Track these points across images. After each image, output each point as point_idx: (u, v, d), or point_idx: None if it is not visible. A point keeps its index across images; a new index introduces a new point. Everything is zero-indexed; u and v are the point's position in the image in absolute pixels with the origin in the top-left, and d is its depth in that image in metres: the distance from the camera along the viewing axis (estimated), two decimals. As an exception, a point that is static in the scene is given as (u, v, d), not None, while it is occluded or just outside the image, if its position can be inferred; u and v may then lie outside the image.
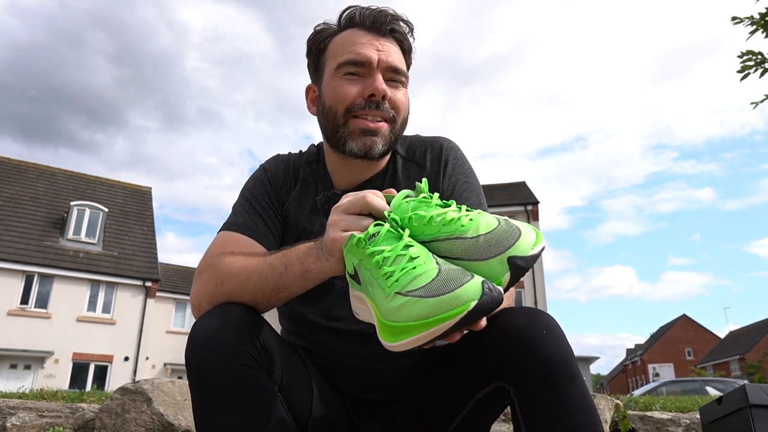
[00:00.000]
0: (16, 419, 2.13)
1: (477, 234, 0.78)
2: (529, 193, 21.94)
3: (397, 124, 1.11)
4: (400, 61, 1.13)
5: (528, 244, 0.76)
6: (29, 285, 16.80)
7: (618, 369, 64.06)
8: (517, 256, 0.74)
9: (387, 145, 1.11)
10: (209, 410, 0.85)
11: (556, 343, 0.85)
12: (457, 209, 0.83)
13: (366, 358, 1.10)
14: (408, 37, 1.16)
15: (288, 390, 0.94)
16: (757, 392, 1.39)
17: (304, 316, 1.16)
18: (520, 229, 0.78)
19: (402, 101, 1.12)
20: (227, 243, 1.06)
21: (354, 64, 1.08)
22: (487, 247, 0.76)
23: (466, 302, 0.67)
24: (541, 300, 19.45)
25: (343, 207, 0.87)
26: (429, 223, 0.81)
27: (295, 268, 0.91)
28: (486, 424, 1.06)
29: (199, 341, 0.86)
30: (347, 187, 1.17)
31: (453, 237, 0.79)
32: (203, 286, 0.98)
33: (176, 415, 2.07)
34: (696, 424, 2.21)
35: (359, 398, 1.14)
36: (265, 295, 0.93)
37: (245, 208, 1.15)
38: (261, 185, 1.19)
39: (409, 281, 0.72)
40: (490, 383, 0.91)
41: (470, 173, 1.20)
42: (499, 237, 0.77)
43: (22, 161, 20.67)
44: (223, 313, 0.89)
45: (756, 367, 29.35)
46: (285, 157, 1.26)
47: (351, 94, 1.08)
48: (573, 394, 0.82)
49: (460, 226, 0.79)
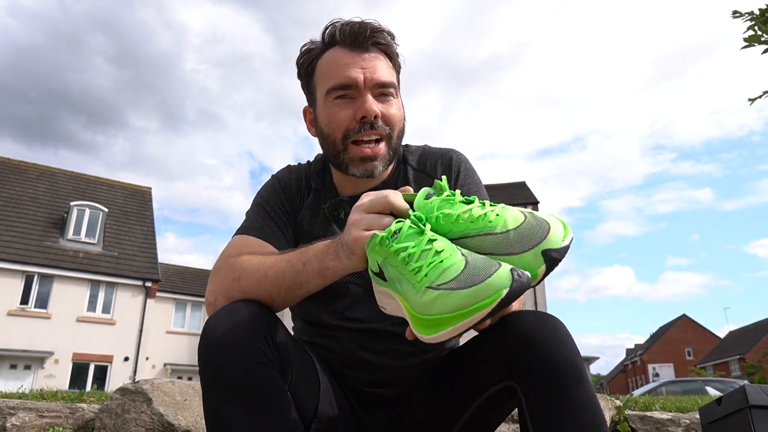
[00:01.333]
0: (16, 419, 2.13)
1: (506, 229, 0.79)
2: (529, 193, 21.95)
3: (393, 138, 1.13)
4: (388, 73, 1.13)
5: (558, 237, 0.77)
6: (29, 285, 16.80)
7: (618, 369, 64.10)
8: (551, 249, 0.76)
9: (386, 163, 1.14)
10: (222, 407, 0.85)
11: (564, 345, 0.87)
12: (481, 205, 0.84)
13: (379, 353, 1.12)
14: (392, 43, 1.15)
15: (296, 388, 0.95)
16: (757, 393, 1.39)
17: (318, 319, 1.17)
18: (548, 222, 0.79)
19: (395, 115, 1.13)
20: (243, 245, 1.07)
21: (342, 87, 1.10)
22: (518, 242, 0.78)
23: (499, 290, 0.69)
24: (541, 300, 19.45)
25: (365, 206, 0.88)
26: (456, 221, 0.82)
27: (313, 265, 0.91)
28: (493, 423, 1.07)
29: (212, 339, 0.86)
30: (352, 195, 1.18)
31: (482, 233, 0.80)
32: (220, 282, 0.98)
33: (176, 415, 2.07)
34: (696, 424, 2.21)
35: (368, 393, 1.15)
36: (281, 291, 0.93)
37: (259, 214, 1.16)
38: (274, 193, 1.20)
39: (438, 275, 0.74)
40: (498, 382, 0.93)
41: (480, 184, 1.22)
42: (529, 231, 0.78)
43: (22, 161, 20.67)
44: (236, 311, 0.90)
45: (756, 367, 29.35)
46: (296, 167, 1.28)
47: (345, 120, 1.10)
48: (580, 395, 0.84)
49: (488, 222, 0.81)
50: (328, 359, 1.14)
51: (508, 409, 1.04)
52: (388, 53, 1.15)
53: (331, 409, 1.04)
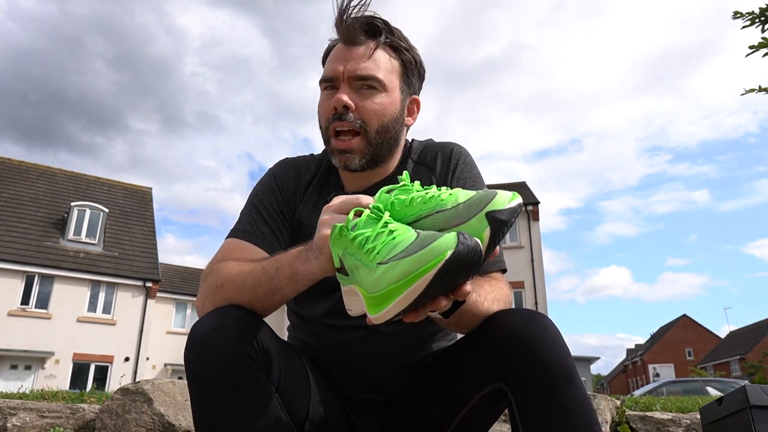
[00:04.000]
0: (17, 420, 2.13)
1: (456, 203, 0.80)
2: (529, 193, 21.92)
3: (371, 132, 1.11)
4: (373, 66, 1.10)
5: (504, 200, 0.78)
6: (30, 285, 16.80)
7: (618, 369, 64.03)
8: (494, 210, 0.76)
9: (367, 156, 1.12)
10: (208, 410, 0.85)
11: (553, 345, 0.86)
12: (438, 190, 0.85)
13: (366, 354, 1.11)
14: (392, 37, 1.14)
15: (285, 390, 0.95)
16: (758, 393, 1.39)
17: (311, 315, 1.17)
18: (496, 191, 0.80)
19: (372, 107, 1.10)
20: (231, 250, 1.08)
21: (326, 80, 1.13)
22: (466, 211, 0.78)
23: (443, 252, 0.66)
24: (541, 301, 19.43)
25: (334, 207, 0.88)
26: (410, 204, 0.83)
27: (285, 270, 0.92)
28: (485, 426, 1.06)
29: (197, 342, 0.87)
30: (357, 190, 1.19)
31: (434, 212, 0.81)
32: (206, 290, 1.00)
33: (177, 415, 2.08)
34: (696, 424, 2.21)
35: (358, 399, 1.14)
36: (259, 298, 0.94)
37: (252, 215, 1.16)
38: (270, 192, 1.20)
39: (389, 251, 0.73)
40: (488, 384, 0.91)
41: (478, 177, 1.21)
42: (477, 200, 0.79)
43: (22, 162, 20.67)
44: (221, 315, 0.91)
45: (756, 367, 29.31)
46: (293, 161, 1.27)
47: (326, 111, 1.12)
48: (570, 396, 0.83)
49: (440, 200, 0.82)
50: (318, 360, 1.14)
51: (500, 411, 1.03)
52: (390, 46, 1.14)
53: (324, 410, 1.04)
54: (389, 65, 1.13)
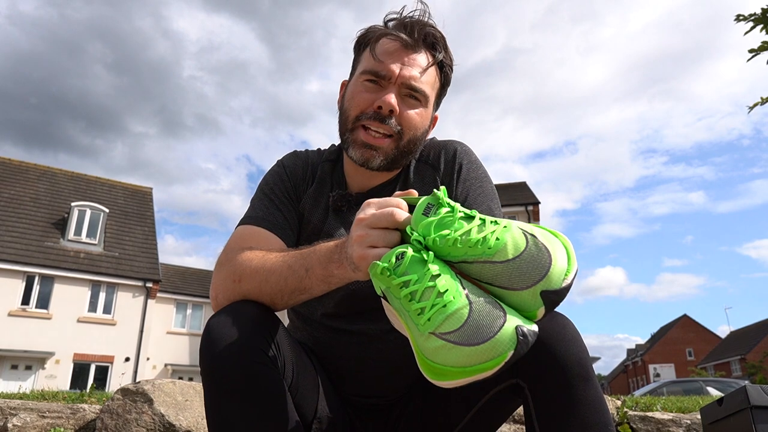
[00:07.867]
0: (18, 420, 2.13)
1: (506, 258, 0.76)
2: (529, 193, 21.93)
3: (403, 140, 1.11)
4: (426, 79, 1.12)
5: (560, 274, 0.74)
6: (30, 285, 16.81)
7: (619, 369, 64.05)
8: (549, 291, 0.73)
9: (388, 160, 1.12)
10: (223, 407, 0.85)
11: (572, 343, 0.86)
12: (481, 224, 0.80)
13: (364, 361, 1.11)
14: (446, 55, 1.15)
15: (297, 389, 0.95)
16: (758, 393, 1.39)
17: (310, 314, 1.17)
18: (549, 252, 0.75)
19: (413, 119, 1.11)
20: (246, 237, 1.07)
21: (376, 74, 1.10)
22: (518, 276, 0.74)
23: (503, 353, 0.69)
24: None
25: (368, 221, 0.83)
26: (454, 245, 0.78)
27: (317, 271, 0.90)
28: (497, 421, 1.06)
29: (213, 339, 0.86)
30: (360, 189, 1.19)
31: (481, 260, 0.77)
32: (221, 281, 0.98)
33: (177, 415, 2.08)
34: (697, 424, 2.21)
35: (358, 403, 1.14)
36: (284, 296, 0.93)
37: (263, 202, 1.15)
38: (279, 180, 1.20)
39: (441, 321, 0.73)
40: (504, 380, 0.92)
41: (484, 177, 1.20)
42: (530, 263, 0.75)
43: (23, 162, 20.68)
44: (237, 312, 0.90)
45: (757, 367, 29.30)
46: (303, 153, 1.27)
47: (364, 102, 1.10)
48: (587, 394, 0.83)
49: (486, 248, 0.77)
50: (323, 363, 1.13)
51: (513, 407, 1.04)
52: (439, 63, 1.14)
53: (330, 411, 1.04)
54: (434, 82, 1.15)
